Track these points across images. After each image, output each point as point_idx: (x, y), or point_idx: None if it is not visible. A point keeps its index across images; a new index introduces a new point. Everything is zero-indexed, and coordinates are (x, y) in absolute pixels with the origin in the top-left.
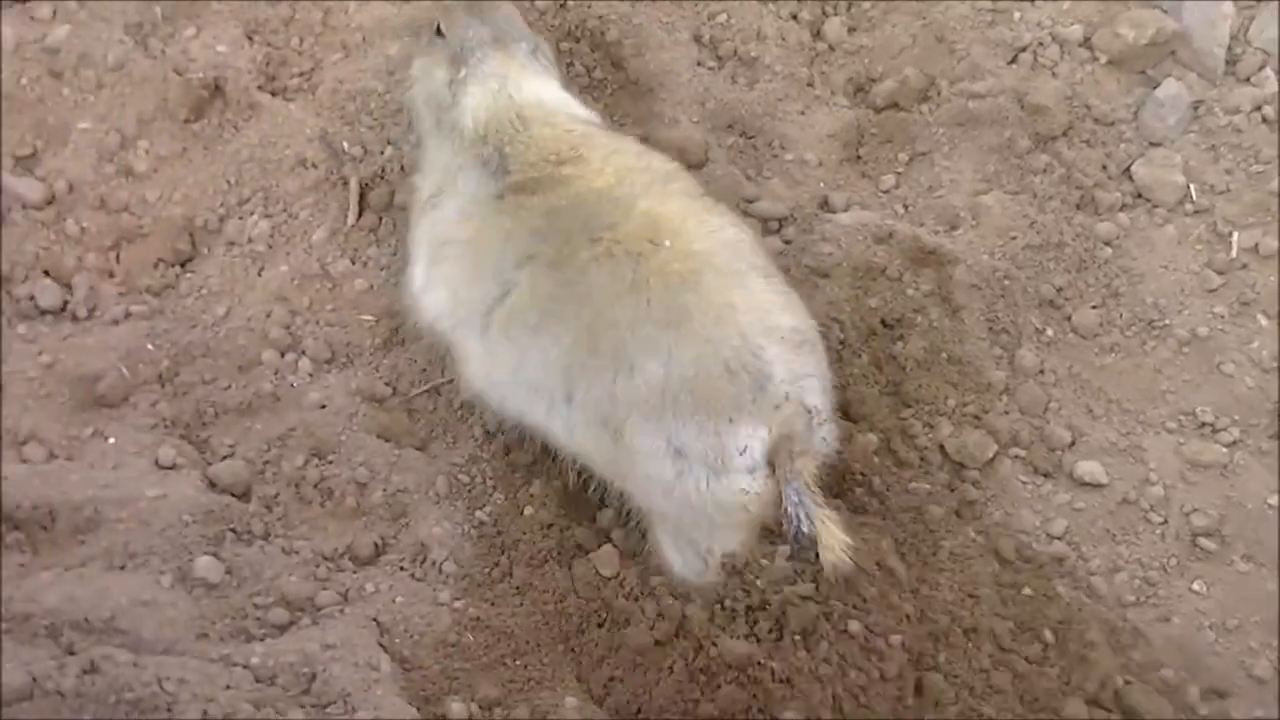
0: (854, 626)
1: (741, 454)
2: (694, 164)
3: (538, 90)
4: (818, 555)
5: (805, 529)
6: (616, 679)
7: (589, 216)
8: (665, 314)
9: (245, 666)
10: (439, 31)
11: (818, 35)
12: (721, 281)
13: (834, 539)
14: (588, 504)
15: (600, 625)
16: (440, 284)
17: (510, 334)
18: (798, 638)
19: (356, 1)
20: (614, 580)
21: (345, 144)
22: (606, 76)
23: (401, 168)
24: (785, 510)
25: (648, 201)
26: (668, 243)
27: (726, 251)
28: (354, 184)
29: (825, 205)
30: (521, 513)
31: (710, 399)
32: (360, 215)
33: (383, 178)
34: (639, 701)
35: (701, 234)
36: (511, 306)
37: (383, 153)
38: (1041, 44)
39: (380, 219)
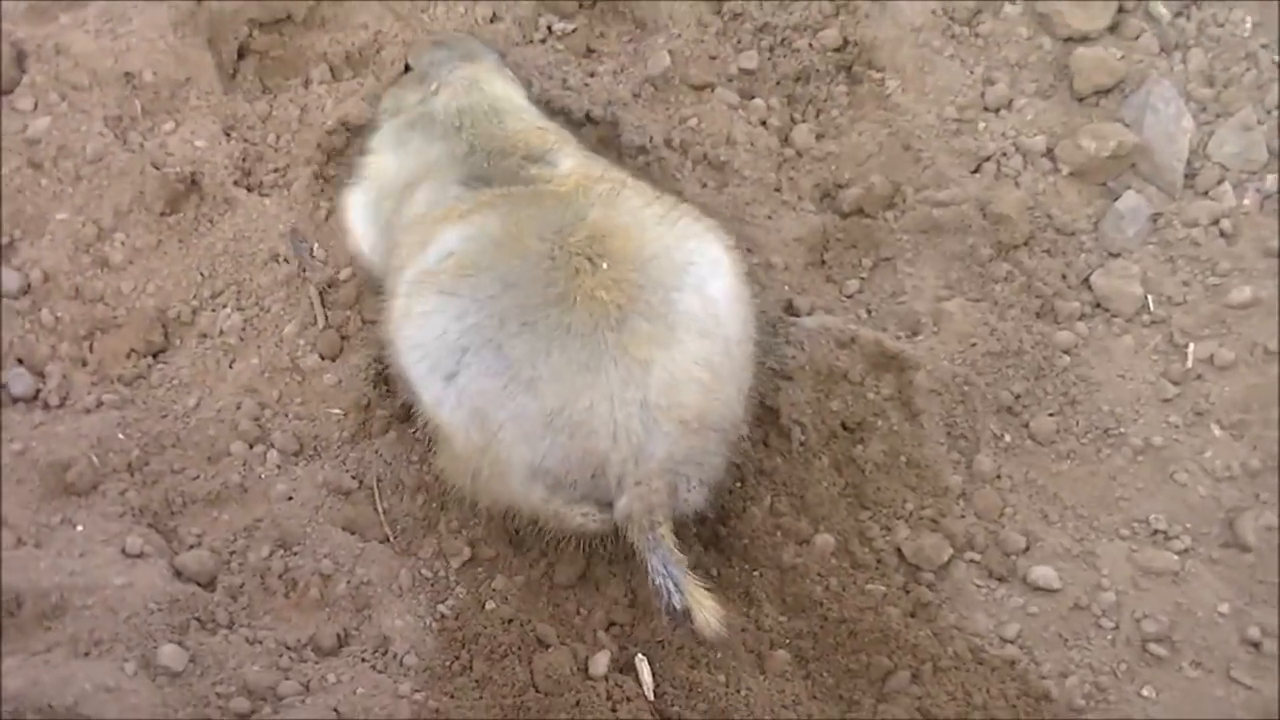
0: None
1: (590, 497)
2: None
3: (509, 90)
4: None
5: (676, 602)
6: None
7: (542, 214)
8: (580, 349)
9: None
10: (407, 67)
11: (786, 141)
12: (647, 331)
13: (704, 607)
14: (549, 600)
15: None
16: (373, 215)
17: (427, 289)
18: None
19: (332, 100)
20: (579, 678)
21: (315, 245)
22: None
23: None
24: (653, 582)
25: (600, 211)
26: (605, 265)
27: (665, 280)
28: (313, 290)
29: (790, 309)
30: (483, 607)
31: (587, 449)
32: (326, 318)
33: (353, 276)
34: None
35: (642, 257)
36: (441, 267)
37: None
38: (1005, 154)
39: (348, 316)
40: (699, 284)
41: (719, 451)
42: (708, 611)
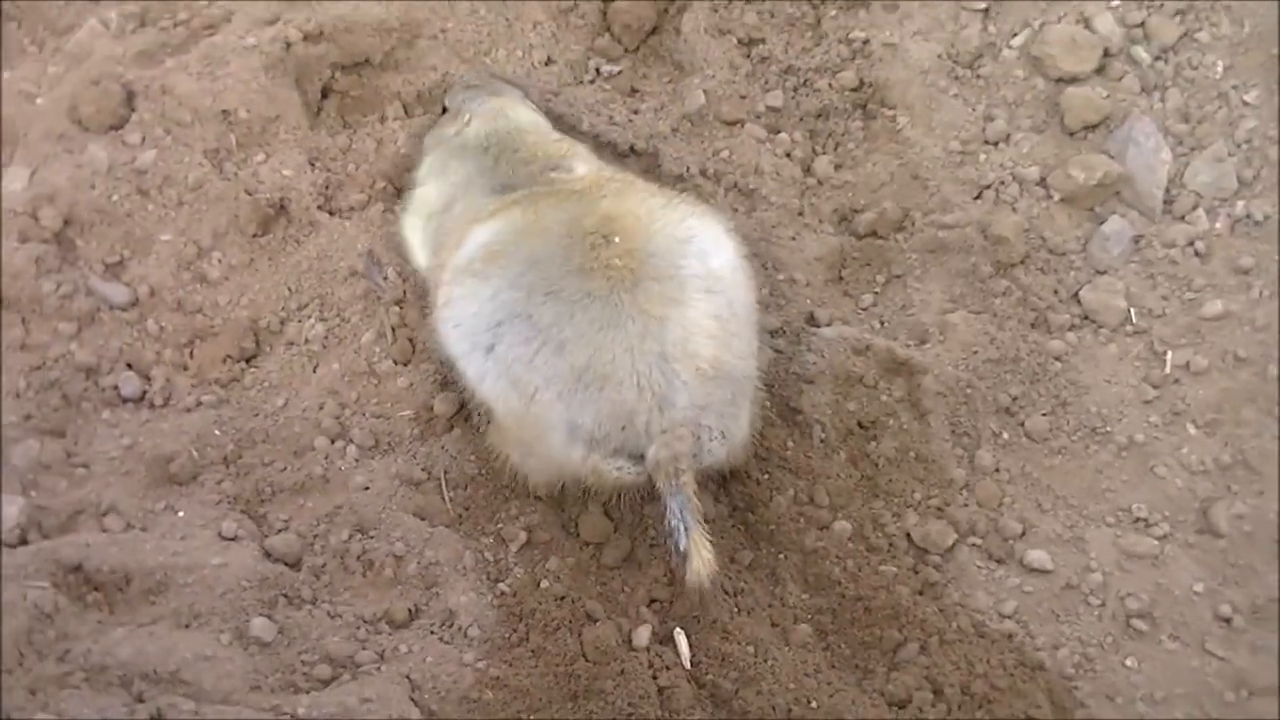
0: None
1: (623, 451)
2: None
3: (533, 116)
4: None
5: (681, 545)
6: None
7: (559, 207)
8: (601, 309)
9: (293, 716)
10: (444, 109)
11: (808, 171)
12: (658, 290)
13: (699, 557)
14: (596, 579)
15: (604, 687)
16: (425, 238)
17: (463, 277)
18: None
19: (404, 135)
20: (623, 649)
21: (388, 264)
22: None
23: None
24: (668, 523)
25: (610, 202)
26: (617, 239)
27: (672, 252)
28: (383, 312)
29: (811, 320)
30: (538, 586)
31: (615, 401)
32: (395, 331)
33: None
34: None
35: (652, 231)
36: (475, 256)
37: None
38: (1003, 183)
39: (418, 328)
40: (701, 253)
41: (736, 403)
42: (702, 561)
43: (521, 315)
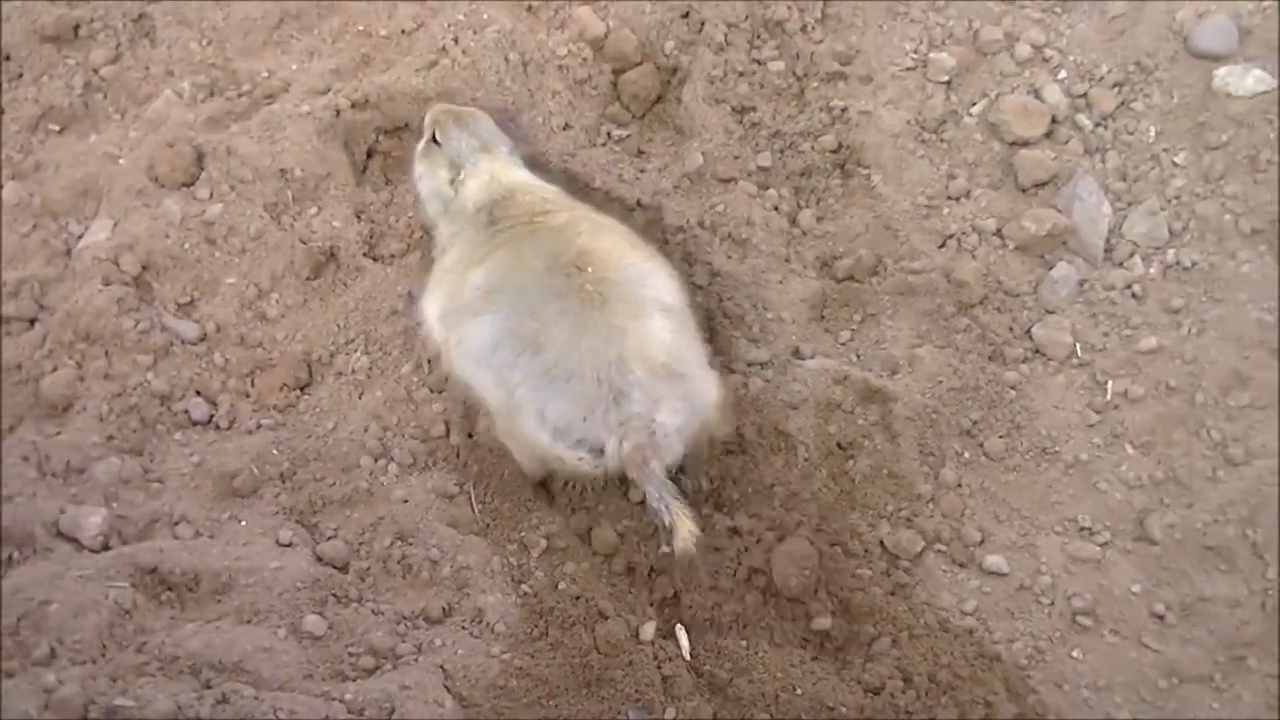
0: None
1: (585, 442)
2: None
3: (519, 176)
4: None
5: (666, 520)
6: (622, 715)
7: (541, 244)
8: (573, 321)
9: (341, 701)
10: (434, 139)
11: (793, 223)
12: (622, 309)
13: (684, 527)
14: (607, 582)
15: (614, 676)
16: (437, 297)
17: (465, 315)
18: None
19: None
20: (631, 643)
21: None
22: None
23: None
24: (651, 507)
25: (585, 239)
26: (590, 269)
27: (635, 282)
28: (419, 347)
29: (796, 354)
30: (556, 587)
31: (579, 394)
32: (430, 365)
33: None
34: None
35: (619, 265)
36: (470, 296)
37: None
38: (965, 233)
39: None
40: (658, 285)
41: (686, 403)
42: (687, 530)
43: (512, 333)
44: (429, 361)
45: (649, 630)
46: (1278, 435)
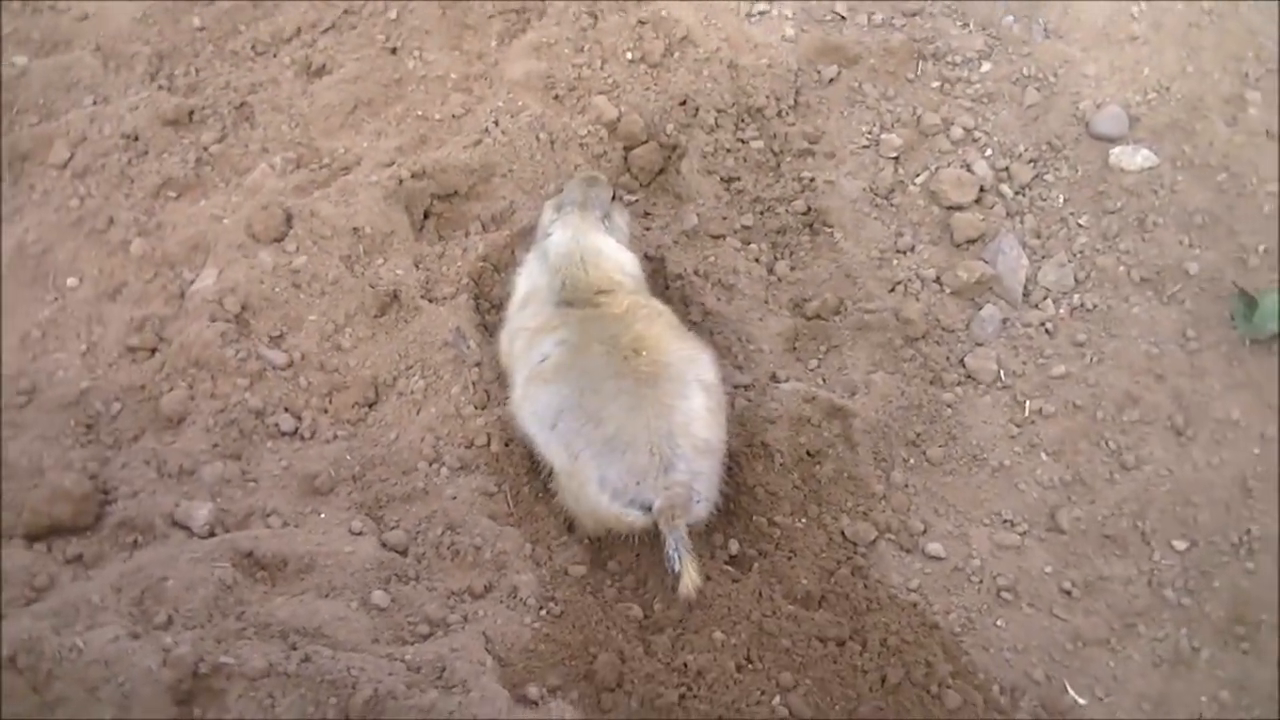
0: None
1: (636, 501)
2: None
3: (598, 243)
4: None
5: (676, 568)
6: (625, 674)
7: (604, 327)
8: (629, 398)
9: (401, 661)
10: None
11: (771, 271)
12: (671, 389)
13: (690, 578)
14: (604, 565)
15: (617, 646)
16: (510, 341)
17: (536, 382)
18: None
19: (482, 245)
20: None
21: (470, 338)
22: None
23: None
24: (668, 555)
25: (641, 326)
26: (644, 353)
27: (682, 365)
28: (466, 372)
29: (773, 378)
30: (566, 573)
31: (633, 461)
32: (475, 388)
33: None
34: (631, 686)
35: (669, 350)
36: (543, 367)
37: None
38: (910, 280)
39: (491, 384)
40: (700, 369)
41: (714, 475)
42: (690, 580)
43: (575, 406)
44: (474, 384)
45: (637, 610)
46: (1162, 445)
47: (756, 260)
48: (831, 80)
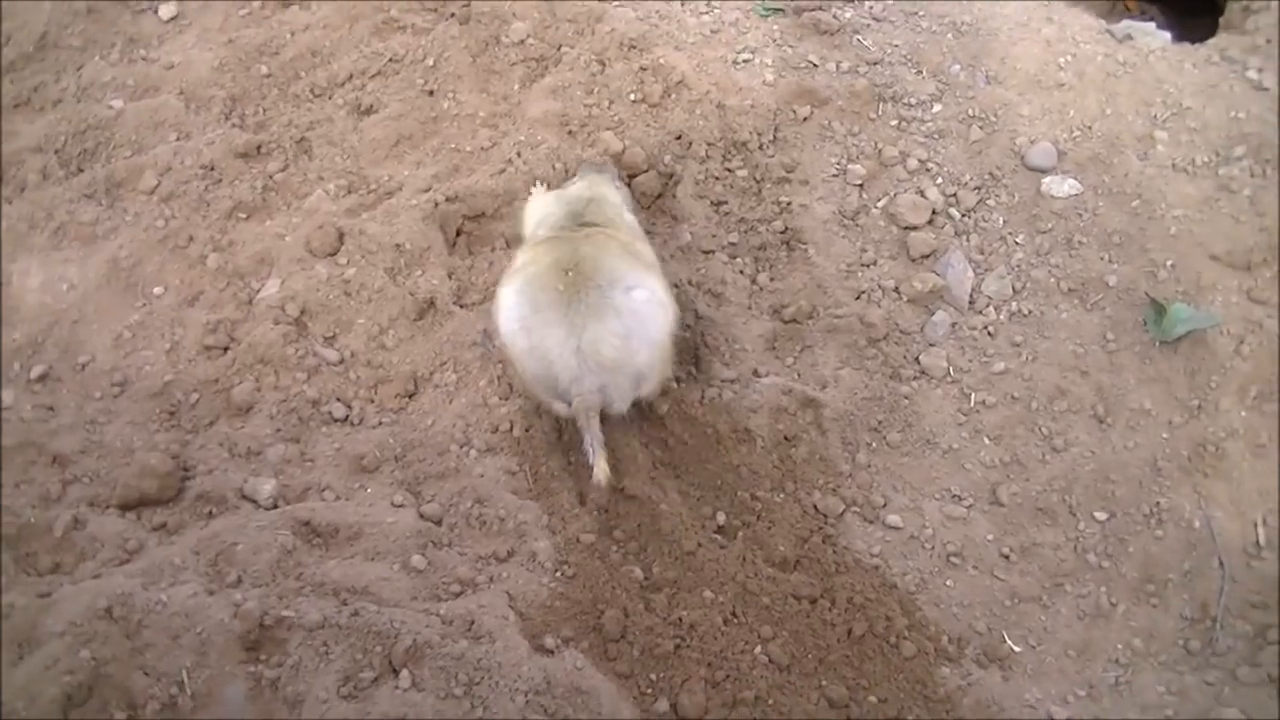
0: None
1: (560, 396)
2: (683, 350)
3: (608, 191)
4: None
5: (591, 459)
6: (629, 626)
7: (561, 245)
8: (552, 313)
9: (436, 615)
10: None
11: (753, 282)
12: (586, 309)
13: (600, 469)
14: (609, 534)
15: (621, 603)
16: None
17: (504, 282)
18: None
19: (506, 259)
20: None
21: (496, 342)
22: None
23: None
24: (583, 448)
25: (589, 247)
26: (571, 272)
27: (606, 288)
28: (492, 368)
29: (755, 373)
30: (578, 540)
31: (549, 371)
32: (499, 382)
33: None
34: (633, 637)
35: (600, 271)
36: (509, 272)
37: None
38: (873, 290)
39: (513, 379)
40: (625, 289)
41: (634, 384)
42: (600, 471)
43: (516, 311)
44: (498, 379)
45: (637, 571)
46: (1086, 431)
47: (741, 272)
48: (805, 119)
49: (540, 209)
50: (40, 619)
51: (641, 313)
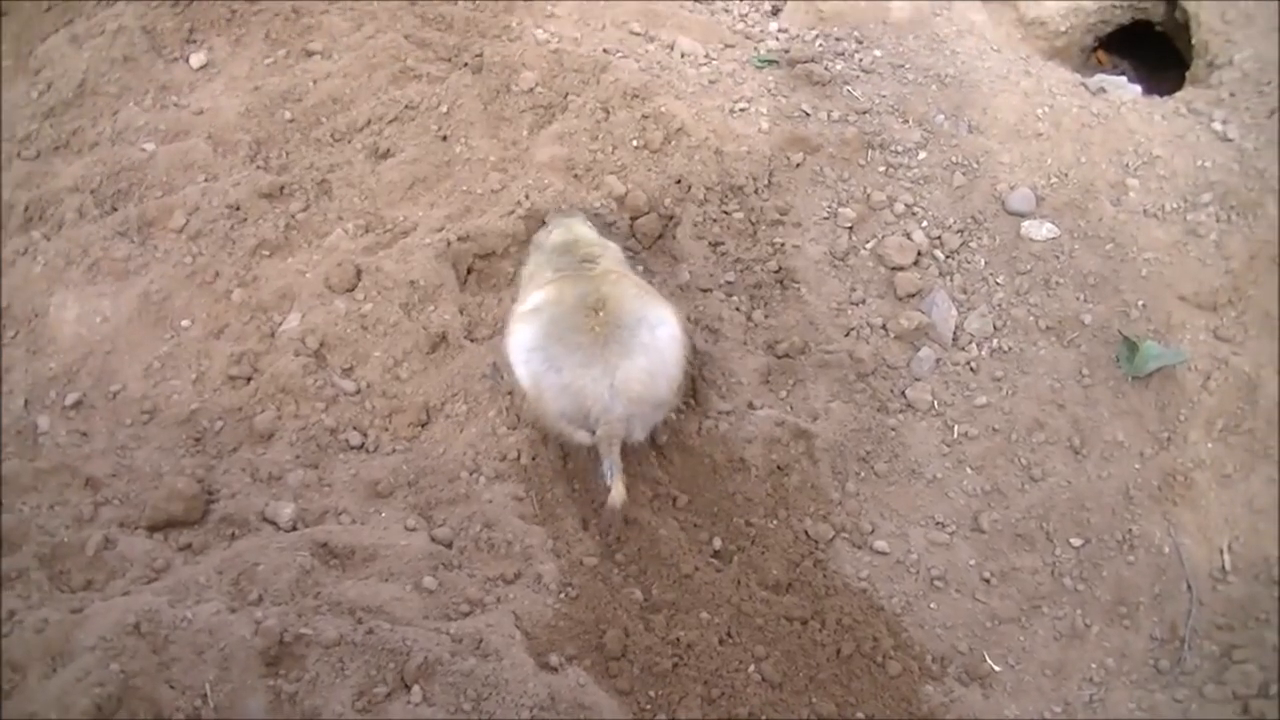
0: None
1: (584, 426)
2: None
3: (585, 230)
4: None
5: (609, 482)
6: (629, 645)
7: (578, 285)
8: (584, 354)
9: (447, 634)
10: (543, 222)
11: (749, 319)
12: (619, 349)
13: (617, 491)
14: (611, 558)
15: (622, 623)
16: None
17: (519, 320)
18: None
19: (511, 297)
20: (635, 602)
21: (504, 374)
22: None
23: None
24: (601, 474)
25: (607, 288)
26: (600, 314)
27: (633, 327)
28: (501, 399)
29: (750, 406)
30: (582, 563)
31: (580, 405)
32: (507, 413)
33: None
34: (633, 656)
35: (624, 312)
36: (526, 309)
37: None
38: (862, 327)
39: (521, 408)
40: (650, 328)
41: (654, 415)
42: (616, 495)
43: (542, 349)
44: (506, 409)
45: (637, 593)
46: (1063, 461)
47: (737, 309)
48: (798, 165)
49: (532, 266)
50: (73, 633)
51: (666, 349)
